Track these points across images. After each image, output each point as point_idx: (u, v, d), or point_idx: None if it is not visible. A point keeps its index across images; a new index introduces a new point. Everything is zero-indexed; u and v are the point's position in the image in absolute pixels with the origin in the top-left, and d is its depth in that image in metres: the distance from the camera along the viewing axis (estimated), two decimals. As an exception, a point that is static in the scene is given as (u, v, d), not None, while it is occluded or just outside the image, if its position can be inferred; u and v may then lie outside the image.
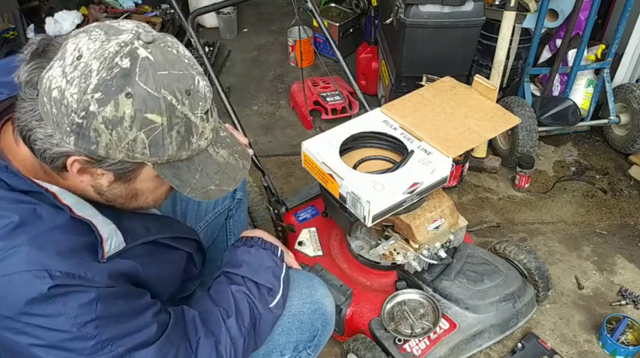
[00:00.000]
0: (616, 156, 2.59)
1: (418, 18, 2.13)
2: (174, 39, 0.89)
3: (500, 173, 2.49)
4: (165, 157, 0.87)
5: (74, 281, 0.85)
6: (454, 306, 1.66)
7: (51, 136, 0.83)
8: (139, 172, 0.91)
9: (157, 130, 0.83)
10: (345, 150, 1.56)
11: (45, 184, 0.89)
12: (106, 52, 0.80)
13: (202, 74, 0.90)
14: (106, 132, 0.81)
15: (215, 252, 1.62)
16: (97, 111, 0.79)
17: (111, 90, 0.79)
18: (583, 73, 2.53)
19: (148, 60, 0.81)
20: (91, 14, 3.18)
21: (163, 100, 0.82)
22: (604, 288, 2.00)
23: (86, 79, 0.78)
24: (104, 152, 0.83)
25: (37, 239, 0.85)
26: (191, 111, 0.86)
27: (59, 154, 0.85)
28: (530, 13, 2.44)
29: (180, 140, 0.87)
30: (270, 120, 2.83)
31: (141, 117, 0.81)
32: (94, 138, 0.81)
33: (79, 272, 0.86)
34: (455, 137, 1.53)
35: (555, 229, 2.24)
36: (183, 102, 0.84)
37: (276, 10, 3.75)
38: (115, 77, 0.79)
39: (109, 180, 0.90)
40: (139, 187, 0.95)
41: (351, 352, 1.61)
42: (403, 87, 2.32)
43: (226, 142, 0.99)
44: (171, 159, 0.89)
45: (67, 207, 0.90)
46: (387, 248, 1.60)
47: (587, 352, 1.80)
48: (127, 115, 0.80)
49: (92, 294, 0.86)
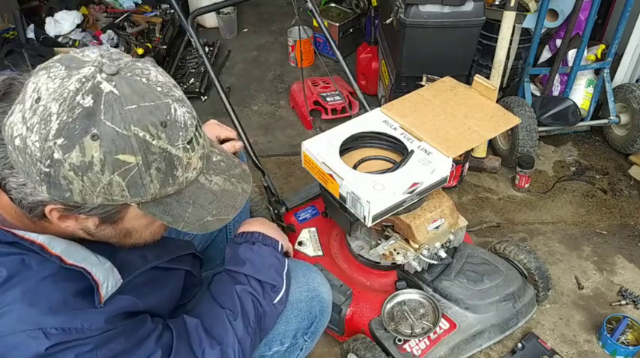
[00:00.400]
0: (616, 156, 2.59)
1: (418, 18, 2.13)
2: (145, 64, 0.81)
3: (500, 173, 2.49)
4: (149, 196, 0.81)
5: (71, 337, 0.82)
6: (454, 306, 1.66)
7: (24, 185, 0.78)
8: (125, 213, 0.85)
9: (133, 171, 0.76)
10: (345, 150, 1.56)
11: (31, 236, 0.84)
12: (65, 92, 0.72)
13: (181, 100, 0.82)
14: (76, 179, 0.74)
15: (215, 252, 1.63)
16: (63, 158, 0.73)
17: (74, 134, 0.72)
18: (583, 73, 2.53)
19: (112, 94, 0.74)
20: (91, 14, 3.18)
21: (135, 138, 0.75)
22: (604, 288, 2.00)
23: (46, 125, 0.72)
24: (80, 198, 0.77)
25: (28, 294, 0.81)
26: (170, 144, 0.78)
27: (35, 204, 0.79)
28: (530, 13, 2.44)
29: (163, 176, 0.80)
30: (270, 120, 2.83)
31: (112, 160, 0.74)
32: (65, 185, 0.75)
33: (75, 325, 0.83)
34: (455, 137, 1.53)
35: (555, 229, 2.24)
36: (159, 137, 0.77)
37: (276, 10, 3.75)
38: (77, 119, 0.72)
39: (94, 223, 0.85)
40: (130, 226, 0.89)
41: (351, 352, 1.61)
42: (403, 87, 2.32)
43: (220, 167, 0.93)
44: (157, 197, 0.82)
45: (57, 257, 0.84)
46: (387, 248, 1.60)
47: (587, 352, 1.80)
48: (96, 159, 0.73)
49: (90, 345, 0.84)
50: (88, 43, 2.94)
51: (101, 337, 0.86)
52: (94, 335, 0.84)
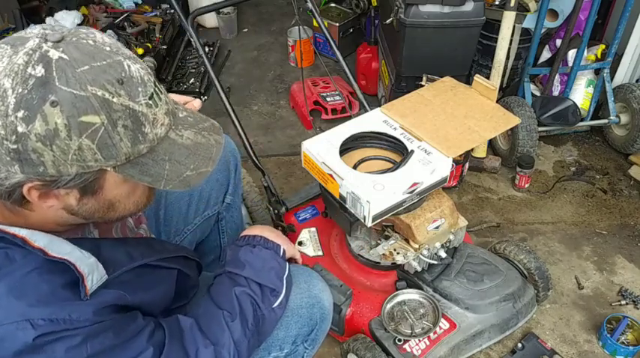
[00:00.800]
0: (616, 156, 2.59)
1: (418, 18, 2.13)
2: (89, 29, 0.82)
3: (500, 173, 2.49)
4: (123, 157, 0.80)
5: (59, 327, 0.82)
6: (454, 306, 1.66)
7: None
8: (103, 180, 0.84)
9: (100, 131, 0.76)
10: (345, 150, 1.56)
11: (12, 229, 0.83)
12: (15, 67, 0.73)
13: (132, 57, 0.82)
14: (46, 149, 0.74)
15: (208, 247, 1.64)
16: (27, 130, 0.72)
17: (33, 105, 0.72)
18: (583, 73, 2.53)
19: (62, 60, 0.74)
20: (91, 14, 3.18)
21: (94, 98, 0.75)
22: (604, 288, 2.00)
23: (3, 101, 0.72)
24: (55, 170, 0.77)
25: (15, 287, 0.81)
26: (131, 100, 0.78)
27: (12, 186, 0.78)
28: (530, 13, 2.44)
29: (132, 134, 0.79)
30: (270, 120, 2.83)
31: (76, 123, 0.74)
32: (36, 159, 0.74)
33: (63, 316, 0.82)
34: (455, 137, 1.53)
35: (555, 229, 2.24)
36: (118, 94, 0.77)
37: (276, 10, 3.75)
38: (32, 89, 0.72)
39: (75, 198, 0.84)
40: (111, 197, 0.88)
41: (351, 352, 1.61)
42: (403, 87, 2.32)
43: (189, 122, 0.91)
44: (131, 157, 0.81)
45: (40, 250, 0.84)
46: (387, 248, 1.60)
47: (587, 352, 1.80)
48: (60, 125, 0.73)
49: (79, 337, 0.83)
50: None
51: (90, 329, 0.85)
52: (82, 327, 0.84)
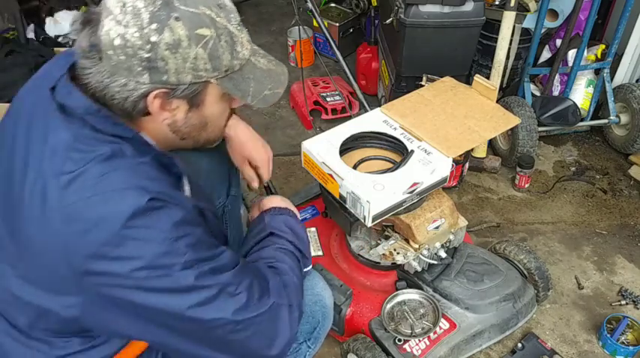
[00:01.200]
0: (616, 156, 2.59)
1: (418, 18, 2.13)
2: None
3: (500, 173, 2.49)
4: (223, 69, 0.96)
5: (168, 199, 0.93)
6: (454, 306, 1.66)
7: (125, 85, 0.91)
8: (206, 94, 0.98)
9: (211, 42, 0.92)
10: (345, 150, 1.56)
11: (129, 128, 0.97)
12: None
13: None
14: (171, 57, 0.90)
15: None
16: (158, 40, 0.88)
17: (162, 19, 0.88)
18: (583, 73, 2.53)
19: None
20: (91, 14, 3.17)
21: (204, 15, 0.91)
22: (604, 288, 2.00)
23: (139, 18, 0.88)
24: (175, 78, 0.92)
25: (130, 168, 0.93)
26: (228, 22, 0.95)
27: (139, 97, 0.93)
28: (530, 13, 2.44)
29: (230, 49, 0.95)
30: (270, 120, 2.83)
31: (194, 35, 0.90)
32: (162, 67, 0.90)
33: (171, 194, 0.95)
34: (455, 137, 1.53)
35: (555, 229, 2.24)
36: (219, 15, 0.93)
37: (276, 10, 3.75)
38: (160, 8, 0.89)
39: (184, 111, 0.98)
40: (208, 114, 1.02)
41: (351, 352, 1.61)
42: (403, 87, 2.32)
43: (261, 53, 1.07)
44: (228, 71, 0.97)
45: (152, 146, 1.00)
46: (387, 248, 1.60)
47: (587, 352, 1.80)
48: (183, 36, 0.89)
49: (181, 214, 0.93)
50: (88, 43, 2.94)
51: (189, 214, 0.96)
52: (185, 209, 0.95)
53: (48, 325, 0.97)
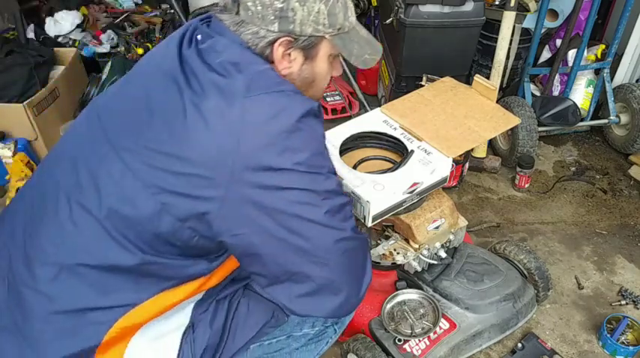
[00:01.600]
0: (616, 156, 2.59)
1: (418, 18, 2.13)
2: None
3: (500, 173, 2.49)
4: (337, 26, 1.07)
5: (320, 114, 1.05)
6: (454, 306, 1.66)
7: (257, 32, 1.03)
8: (319, 48, 1.10)
9: (331, 1, 1.04)
10: (345, 150, 1.56)
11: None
12: None
13: None
14: (299, 8, 1.01)
15: None
16: None
17: None
18: (583, 73, 2.53)
19: None
20: (91, 14, 3.18)
21: None
22: (604, 288, 2.00)
23: None
24: (299, 29, 1.03)
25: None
26: None
27: (267, 44, 1.04)
28: (530, 13, 2.44)
29: (344, 10, 1.07)
30: (270, 120, 2.83)
31: None
32: (291, 17, 1.02)
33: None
34: (455, 137, 1.53)
35: (555, 229, 2.24)
36: None
37: (276, 10, 3.75)
38: None
39: (299, 63, 1.09)
40: (318, 70, 1.13)
41: (351, 352, 1.61)
42: (403, 87, 2.33)
43: (361, 25, 1.17)
44: (340, 30, 1.09)
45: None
46: (387, 248, 1.60)
47: (587, 352, 1.80)
48: None
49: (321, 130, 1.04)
50: (88, 43, 2.94)
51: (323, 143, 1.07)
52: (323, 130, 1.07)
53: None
